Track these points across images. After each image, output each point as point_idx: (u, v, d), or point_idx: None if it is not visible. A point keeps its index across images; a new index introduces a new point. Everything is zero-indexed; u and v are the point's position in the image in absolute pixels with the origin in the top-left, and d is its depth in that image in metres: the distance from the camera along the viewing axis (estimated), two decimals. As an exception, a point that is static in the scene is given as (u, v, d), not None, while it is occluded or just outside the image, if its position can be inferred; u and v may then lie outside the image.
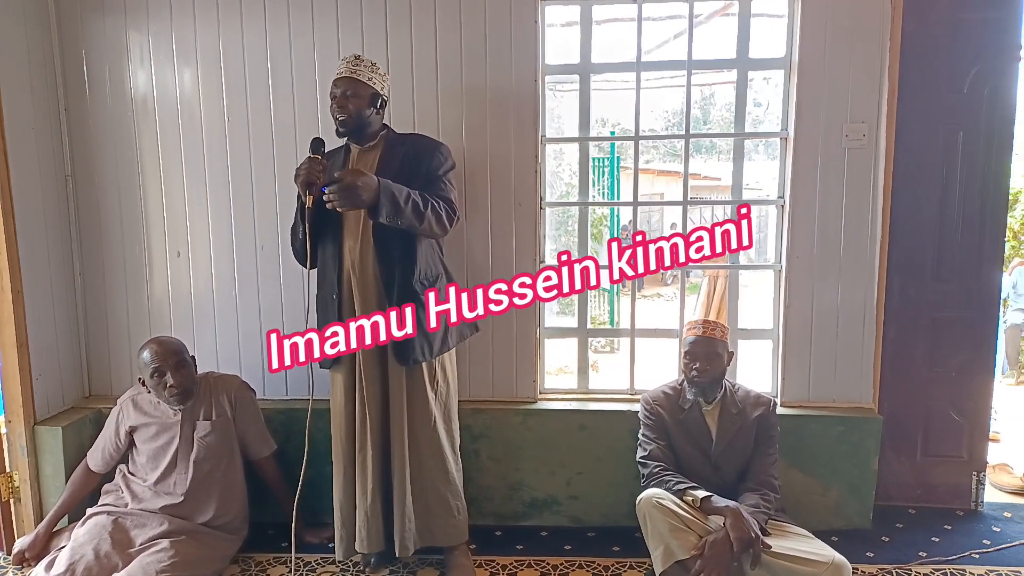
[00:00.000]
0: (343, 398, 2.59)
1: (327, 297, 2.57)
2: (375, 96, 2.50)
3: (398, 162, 2.50)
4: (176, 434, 2.69)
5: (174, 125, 3.07)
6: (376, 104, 2.51)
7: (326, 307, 2.58)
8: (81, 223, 3.16)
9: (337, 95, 2.48)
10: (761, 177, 9.55)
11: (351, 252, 2.49)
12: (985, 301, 3.08)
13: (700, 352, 2.59)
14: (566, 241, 9.43)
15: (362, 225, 2.48)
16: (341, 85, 2.47)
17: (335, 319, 2.52)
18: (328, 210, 2.37)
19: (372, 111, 2.51)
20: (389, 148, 2.56)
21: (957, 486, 3.19)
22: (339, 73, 2.49)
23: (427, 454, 2.60)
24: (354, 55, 2.51)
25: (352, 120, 2.48)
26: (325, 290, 2.58)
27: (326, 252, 2.55)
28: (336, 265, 2.52)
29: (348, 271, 2.50)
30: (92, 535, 2.53)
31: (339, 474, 2.63)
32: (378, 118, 2.56)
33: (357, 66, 2.48)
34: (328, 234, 2.53)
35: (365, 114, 2.49)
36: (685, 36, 3.03)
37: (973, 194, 3.01)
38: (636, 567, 2.75)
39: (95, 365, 3.25)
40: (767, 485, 2.53)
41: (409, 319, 2.40)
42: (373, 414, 2.54)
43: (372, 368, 2.53)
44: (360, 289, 2.49)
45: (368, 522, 2.58)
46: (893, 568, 2.72)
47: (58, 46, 3.05)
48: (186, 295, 3.17)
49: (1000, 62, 2.93)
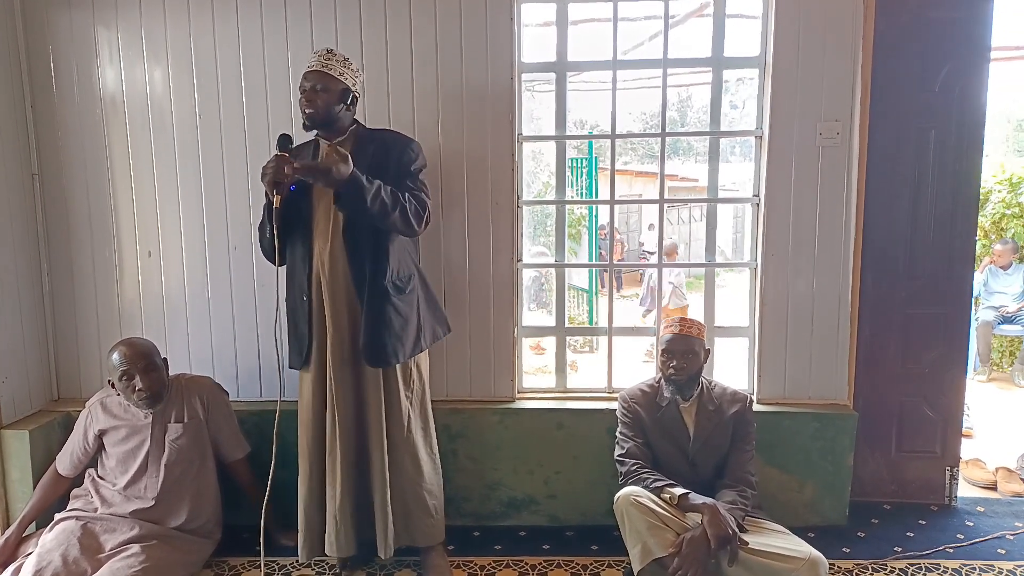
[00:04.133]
0: (311, 399, 2.55)
1: (297, 299, 2.53)
2: (345, 92, 2.46)
3: (368, 158, 2.45)
4: (147, 437, 2.64)
5: (144, 122, 3.02)
6: (346, 100, 2.47)
7: (295, 309, 2.54)
8: (48, 222, 3.09)
9: (307, 88, 2.43)
10: (738, 178, 9.62)
11: (320, 253, 2.45)
12: (957, 298, 3.12)
13: (677, 350, 2.59)
14: (544, 241, 9.44)
15: (332, 225, 2.44)
16: (311, 79, 2.43)
17: (305, 321, 2.49)
18: (298, 210, 2.33)
19: (342, 107, 2.46)
20: (359, 143, 2.51)
21: (931, 481, 3.22)
22: (310, 66, 2.45)
23: (403, 455, 2.58)
24: (327, 49, 2.46)
25: (319, 115, 2.43)
26: (295, 292, 2.54)
27: (295, 253, 2.50)
28: (306, 267, 2.47)
29: (318, 272, 2.46)
30: (60, 541, 2.48)
31: (305, 476, 2.59)
32: (348, 114, 2.52)
33: (329, 60, 2.43)
34: (298, 234, 2.48)
35: (334, 110, 2.45)
36: (660, 37, 3.03)
37: (945, 192, 3.04)
38: (614, 565, 2.75)
39: (64, 367, 3.18)
40: (744, 482, 2.53)
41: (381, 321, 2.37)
42: (343, 416, 2.50)
43: (342, 369, 2.49)
44: (330, 291, 2.45)
45: (337, 526, 2.54)
46: (868, 563, 2.74)
47: (23, 41, 2.99)
48: (158, 295, 3.12)
49: (971, 61, 2.96)
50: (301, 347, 2.53)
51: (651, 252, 14.15)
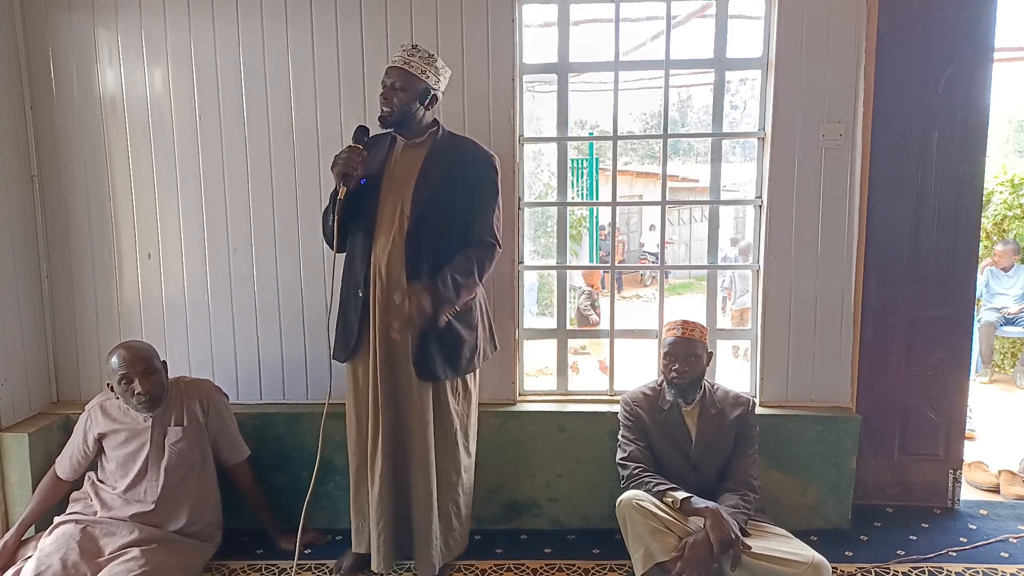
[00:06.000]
0: (356, 397, 2.53)
1: (351, 292, 2.49)
2: (426, 91, 2.39)
3: (444, 167, 2.40)
4: (147, 440, 2.63)
5: (144, 124, 3.01)
6: (426, 100, 2.40)
7: (348, 301, 2.51)
8: (48, 224, 3.08)
9: (386, 85, 2.37)
10: (738, 179, 9.61)
11: (381, 252, 2.39)
12: (960, 299, 3.10)
13: (680, 353, 2.58)
14: (545, 243, 9.41)
15: (397, 225, 2.39)
16: (391, 75, 2.36)
17: (356, 316, 2.46)
18: (362, 203, 2.32)
19: (420, 106, 2.40)
20: (436, 150, 2.45)
21: (934, 484, 3.20)
22: (392, 62, 2.39)
23: (450, 468, 2.54)
24: (412, 44, 2.40)
25: (396, 114, 2.37)
26: (351, 285, 2.49)
27: (356, 246, 2.45)
28: (364, 262, 2.42)
29: (376, 270, 2.40)
30: (59, 544, 2.46)
31: (354, 469, 2.57)
32: (428, 114, 2.45)
33: (411, 56, 2.36)
34: (360, 227, 2.43)
35: (411, 108, 2.38)
36: (662, 38, 3.02)
37: (948, 193, 3.03)
38: (617, 569, 2.73)
39: (63, 370, 3.17)
40: (747, 486, 2.52)
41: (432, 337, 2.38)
42: (386, 420, 2.46)
43: (389, 378, 2.45)
44: (386, 293, 2.40)
45: (378, 541, 2.50)
46: (872, 567, 2.73)
47: (23, 43, 2.98)
48: (157, 298, 3.10)
49: (974, 62, 2.95)
50: (348, 341, 2.50)
51: (652, 253, 14.14)
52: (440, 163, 2.41)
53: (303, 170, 2.98)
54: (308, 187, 2.98)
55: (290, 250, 3.03)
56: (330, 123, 2.95)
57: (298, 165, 2.98)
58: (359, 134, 2.32)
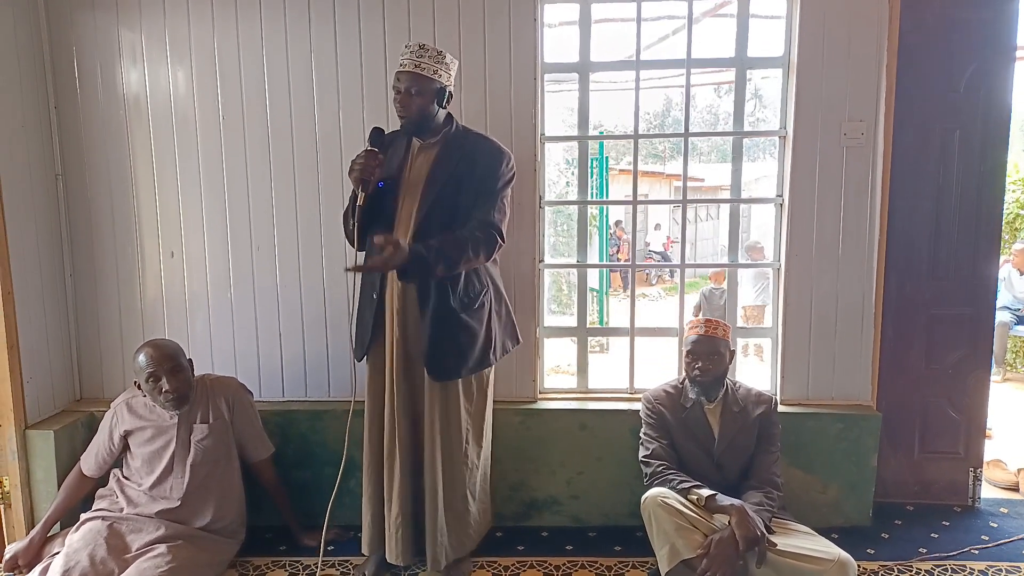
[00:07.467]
0: (374, 397, 2.55)
1: (368, 295, 2.51)
2: (441, 90, 2.38)
3: (453, 164, 2.40)
4: (172, 437, 2.64)
5: (167, 123, 3.03)
6: (441, 99, 2.40)
7: (365, 305, 2.53)
8: (72, 223, 3.10)
9: (400, 91, 2.35)
10: (748, 177, 9.61)
11: None
12: (981, 298, 3.10)
13: (702, 351, 2.59)
14: (554, 242, 9.43)
15: (412, 228, 2.39)
16: (403, 80, 2.34)
17: (370, 318, 2.48)
18: (381, 206, 2.33)
19: (437, 107, 2.40)
20: (446, 149, 2.44)
21: (954, 482, 3.21)
22: (402, 65, 2.35)
23: (458, 468, 2.55)
24: (418, 44, 2.35)
25: (415, 118, 2.37)
26: (367, 287, 2.52)
27: (372, 249, 2.43)
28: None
29: (391, 273, 2.41)
30: (87, 541, 2.48)
31: (368, 471, 2.59)
32: (443, 111, 2.45)
33: (421, 58, 2.33)
34: (379, 230, 2.40)
35: (429, 111, 2.38)
36: (669, 39, 3.03)
37: (969, 192, 3.03)
38: (639, 566, 2.74)
39: (86, 367, 3.19)
40: (770, 483, 2.53)
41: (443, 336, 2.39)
42: (401, 420, 2.48)
43: (401, 373, 2.46)
44: (400, 296, 2.43)
45: (395, 534, 2.52)
46: (894, 564, 2.73)
47: (48, 43, 2.99)
48: (180, 296, 3.12)
49: (996, 61, 2.95)
50: (364, 339, 2.53)
51: (657, 252, 14.11)
52: (448, 164, 2.42)
53: (326, 169, 3.00)
54: (331, 185, 3.00)
55: (313, 248, 3.05)
56: (353, 122, 2.97)
57: (321, 164, 3.00)
58: (374, 137, 2.33)
